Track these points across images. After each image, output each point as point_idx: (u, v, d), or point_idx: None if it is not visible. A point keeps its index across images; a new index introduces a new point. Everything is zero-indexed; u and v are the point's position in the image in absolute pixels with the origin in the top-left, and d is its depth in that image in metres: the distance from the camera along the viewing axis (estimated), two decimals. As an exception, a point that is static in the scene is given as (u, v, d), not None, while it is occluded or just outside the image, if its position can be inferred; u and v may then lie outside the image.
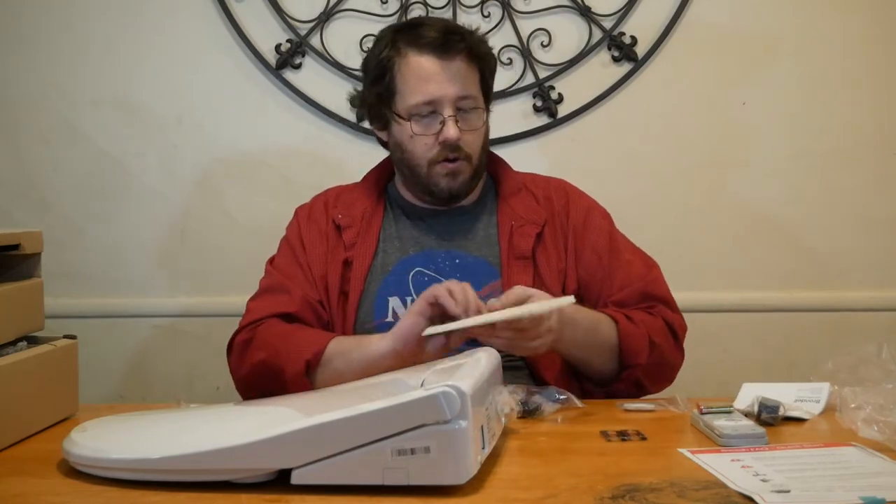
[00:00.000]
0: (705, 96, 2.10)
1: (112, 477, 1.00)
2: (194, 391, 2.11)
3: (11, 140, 2.16)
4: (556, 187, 1.60)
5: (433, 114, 1.47)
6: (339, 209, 1.57)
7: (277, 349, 1.40)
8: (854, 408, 1.15)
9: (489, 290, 1.47)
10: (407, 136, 1.48)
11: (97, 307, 2.15)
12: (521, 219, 1.53)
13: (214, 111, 2.14)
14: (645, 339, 1.43)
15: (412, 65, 1.47)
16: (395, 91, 1.49)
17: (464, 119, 1.48)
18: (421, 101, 1.46)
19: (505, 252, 1.50)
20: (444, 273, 1.49)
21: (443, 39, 1.46)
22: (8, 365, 1.17)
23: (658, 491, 0.93)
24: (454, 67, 1.46)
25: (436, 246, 1.53)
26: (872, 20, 2.07)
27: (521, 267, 1.49)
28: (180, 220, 2.15)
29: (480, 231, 1.54)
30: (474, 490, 0.94)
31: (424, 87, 1.46)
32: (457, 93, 1.46)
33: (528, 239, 1.50)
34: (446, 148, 1.47)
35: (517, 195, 1.57)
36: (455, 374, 0.99)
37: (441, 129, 1.46)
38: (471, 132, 1.49)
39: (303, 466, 0.94)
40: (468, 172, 1.50)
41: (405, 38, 1.48)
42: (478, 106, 1.50)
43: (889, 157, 2.10)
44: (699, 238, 2.11)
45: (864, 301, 2.10)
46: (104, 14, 2.13)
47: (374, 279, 1.51)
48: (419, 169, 1.50)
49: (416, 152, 1.49)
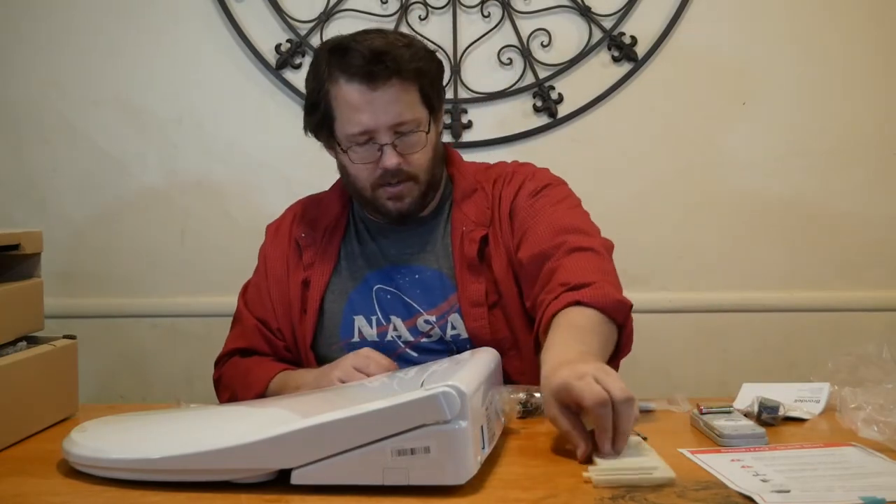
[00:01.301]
0: (705, 96, 2.10)
1: (112, 477, 0.99)
2: (194, 391, 2.11)
3: (11, 140, 2.16)
4: (502, 173, 1.52)
5: (370, 142, 1.40)
6: (303, 227, 1.54)
7: (235, 389, 1.47)
8: (854, 408, 1.15)
9: (448, 304, 1.44)
10: (348, 162, 1.43)
11: (97, 307, 2.15)
12: (471, 223, 1.47)
13: (214, 111, 2.14)
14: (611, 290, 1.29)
15: (344, 94, 1.39)
16: (333, 117, 1.42)
17: (404, 143, 1.40)
18: (355, 131, 1.39)
19: (458, 262, 1.45)
20: (403, 289, 1.46)
21: (367, 69, 1.36)
22: (8, 365, 1.17)
23: (658, 491, 0.93)
24: (385, 95, 1.37)
25: (397, 261, 1.49)
26: (872, 20, 2.07)
27: (473, 276, 1.43)
28: (180, 220, 2.15)
29: (437, 242, 1.49)
30: (474, 490, 0.94)
31: (358, 118, 1.38)
32: (391, 120, 1.38)
33: (473, 244, 1.44)
34: (386, 175, 1.41)
35: (470, 198, 1.49)
36: (455, 374, 0.99)
37: (380, 157, 1.40)
38: (413, 154, 1.41)
39: (303, 466, 0.94)
40: (416, 192, 1.44)
41: (336, 63, 1.40)
42: (418, 128, 1.41)
43: (889, 157, 2.10)
44: (699, 238, 2.11)
45: (864, 301, 2.10)
46: (105, 15, 2.13)
47: (337, 298, 1.48)
48: (364, 192, 1.45)
49: (359, 177, 1.44)
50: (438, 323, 1.44)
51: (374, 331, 1.46)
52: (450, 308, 1.44)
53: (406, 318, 1.45)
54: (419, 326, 1.45)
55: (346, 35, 1.45)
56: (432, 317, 1.44)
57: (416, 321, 1.45)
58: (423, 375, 1.08)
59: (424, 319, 1.44)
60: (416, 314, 1.45)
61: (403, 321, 1.45)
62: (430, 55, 1.46)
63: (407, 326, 1.45)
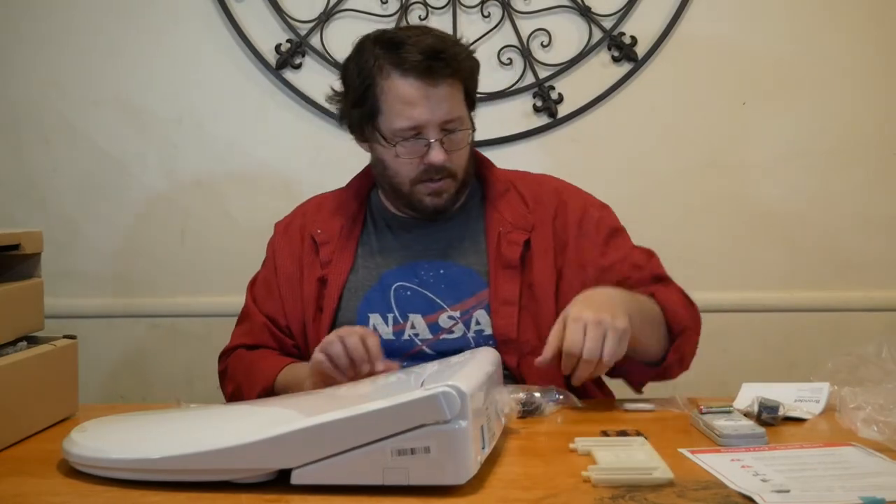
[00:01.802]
0: (705, 96, 2.10)
1: (112, 477, 0.99)
2: (194, 391, 2.11)
3: (11, 140, 2.16)
4: (548, 190, 1.55)
5: (417, 136, 1.42)
6: (318, 224, 1.54)
7: (240, 382, 1.48)
8: (854, 408, 1.15)
9: (475, 300, 1.45)
10: (391, 156, 1.45)
11: (97, 307, 2.15)
12: (508, 224, 1.49)
13: (214, 111, 2.14)
14: (682, 301, 1.43)
15: (397, 88, 1.41)
16: (379, 111, 1.43)
17: (449, 140, 1.43)
18: (406, 126, 1.41)
19: (492, 261, 1.46)
20: (426, 285, 1.47)
21: (426, 64, 1.39)
22: (8, 365, 1.17)
23: (658, 491, 0.93)
24: (438, 92, 1.41)
25: (420, 257, 1.49)
26: (872, 20, 2.07)
27: (509, 276, 1.45)
28: (180, 220, 2.15)
29: (467, 239, 1.51)
30: (474, 490, 0.94)
31: (410, 112, 1.40)
32: (442, 117, 1.41)
33: (515, 247, 1.46)
34: (430, 170, 1.43)
35: (504, 197, 1.52)
36: (455, 374, 0.99)
37: (427, 152, 1.42)
38: (456, 152, 1.45)
39: (303, 466, 0.94)
40: (453, 188, 1.47)
41: (388, 57, 1.42)
42: (464, 126, 1.45)
43: (889, 157, 2.10)
44: (699, 238, 2.11)
45: (864, 301, 2.10)
46: (105, 15, 2.13)
47: (353, 296, 1.48)
48: (402, 187, 1.47)
49: (399, 172, 1.45)
50: (462, 318, 1.45)
51: (391, 329, 1.46)
52: (477, 304, 1.45)
53: (427, 314, 1.46)
54: (441, 323, 1.45)
55: (388, 30, 1.49)
56: (456, 312, 1.45)
57: (437, 317, 1.45)
58: (423, 375, 1.08)
59: (448, 315, 1.45)
60: (440, 310, 1.46)
61: (424, 317, 1.45)
62: (473, 55, 1.51)
63: (427, 322, 1.45)
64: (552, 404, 1.25)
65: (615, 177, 2.08)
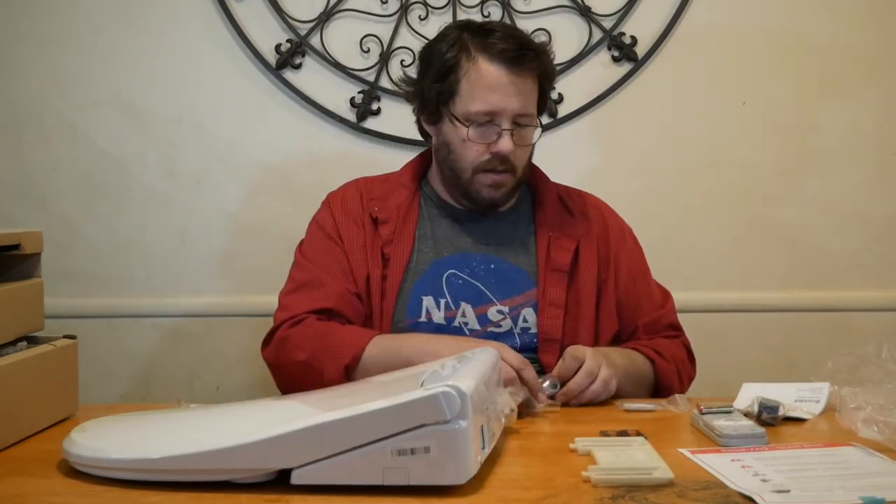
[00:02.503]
0: (705, 96, 2.10)
1: (112, 477, 0.99)
2: (194, 391, 2.11)
3: (11, 140, 2.16)
4: (591, 204, 1.62)
5: (490, 123, 1.46)
6: (375, 202, 1.55)
7: (317, 351, 1.40)
8: (854, 408, 1.15)
9: (524, 298, 1.49)
10: (459, 139, 1.48)
11: (97, 307, 2.15)
12: (558, 231, 1.54)
13: (214, 111, 2.13)
14: (675, 374, 1.50)
15: (481, 71, 1.45)
16: (457, 92, 1.47)
17: (519, 134, 1.47)
18: (482, 109, 1.45)
19: (542, 262, 1.51)
20: (477, 277, 1.50)
21: (517, 52, 1.44)
22: (8, 365, 1.17)
23: (658, 491, 0.93)
24: (522, 83, 1.45)
25: (471, 249, 1.53)
26: (872, 20, 2.07)
27: (557, 279, 1.50)
28: (180, 220, 2.15)
29: (517, 238, 1.55)
30: (474, 490, 0.94)
31: (489, 97, 1.44)
32: (519, 108, 1.46)
33: (566, 253, 1.51)
34: (496, 159, 1.47)
35: (553, 206, 1.58)
36: (455, 374, 0.99)
37: (496, 140, 1.46)
38: (522, 147, 1.49)
39: (303, 466, 0.94)
40: (511, 184, 1.51)
41: (477, 42, 1.46)
42: (534, 124, 1.50)
43: (889, 157, 2.10)
44: (699, 238, 2.11)
45: (864, 301, 2.10)
46: (105, 14, 2.12)
47: (410, 277, 1.50)
48: (463, 173, 1.50)
49: (465, 156, 1.48)
50: (511, 314, 1.48)
51: (443, 314, 1.48)
52: (525, 302, 1.48)
53: (476, 306, 1.48)
54: (490, 315, 1.48)
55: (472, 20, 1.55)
56: (505, 307, 1.48)
57: (487, 310, 1.48)
58: (424, 375, 1.08)
59: (497, 309, 1.48)
60: (489, 303, 1.48)
61: (473, 307, 1.48)
62: (555, 66, 1.56)
63: (476, 314, 1.47)
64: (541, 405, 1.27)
65: (615, 177, 2.08)
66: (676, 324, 1.60)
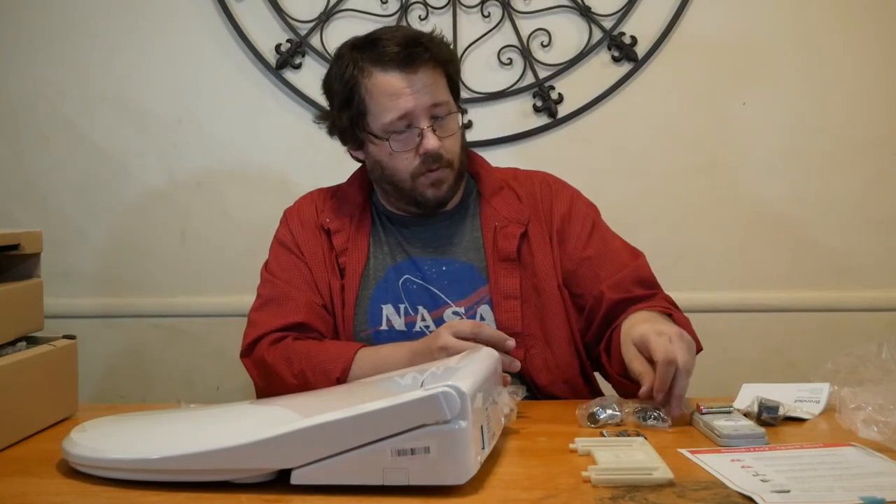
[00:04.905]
0: (705, 96, 2.10)
1: (112, 477, 0.99)
2: (194, 391, 2.11)
3: (11, 140, 2.16)
4: (539, 182, 1.57)
5: (409, 128, 1.44)
6: (328, 213, 1.55)
7: (305, 372, 1.39)
8: (854, 408, 1.15)
9: (477, 296, 1.47)
10: (386, 154, 1.46)
11: (97, 307, 2.15)
12: (504, 219, 1.51)
13: (214, 111, 2.14)
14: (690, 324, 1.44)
15: (379, 83, 1.44)
16: (367, 112, 1.46)
17: (440, 126, 1.46)
18: (394, 117, 1.43)
19: (490, 255, 1.49)
20: (430, 281, 1.48)
21: (406, 52, 1.43)
22: (8, 365, 1.17)
23: (658, 491, 0.93)
24: (421, 78, 1.44)
25: (421, 254, 1.51)
26: (872, 20, 2.07)
27: (507, 269, 1.47)
28: (180, 220, 2.15)
29: (465, 235, 1.53)
30: (474, 490, 0.94)
31: (396, 104, 1.43)
32: (428, 102, 1.44)
33: (512, 240, 1.49)
34: (428, 159, 1.45)
35: (499, 194, 1.54)
36: (455, 374, 0.99)
37: (420, 142, 1.44)
38: (449, 138, 1.47)
39: (303, 466, 0.94)
40: (451, 178, 1.49)
41: (367, 56, 1.45)
42: (451, 111, 1.48)
43: (889, 157, 2.10)
44: (699, 238, 2.11)
45: (864, 301, 2.10)
46: (105, 14, 2.13)
47: (368, 285, 1.50)
48: (403, 184, 1.48)
49: (398, 168, 1.47)
50: (467, 314, 1.46)
51: (403, 320, 1.47)
52: (479, 300, 1.47)
53: (432, 310, 1.47)
54: (446, 318, 1.46)
55: (360, 35, 1.50)
56: (461, 308, 1.47)
57: (442, 312, 1.47)
58: (423, 375, 1.08)
59: (453, 311, 1.47)
60: (444, 306, 1.47)
61: (429, 312, 1.47)
62: (453, 50, 1.54)
63: (433, 318, 1.47)
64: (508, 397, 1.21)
65: (615, 177, 2.09)
66: (651, 280, 1.49)
